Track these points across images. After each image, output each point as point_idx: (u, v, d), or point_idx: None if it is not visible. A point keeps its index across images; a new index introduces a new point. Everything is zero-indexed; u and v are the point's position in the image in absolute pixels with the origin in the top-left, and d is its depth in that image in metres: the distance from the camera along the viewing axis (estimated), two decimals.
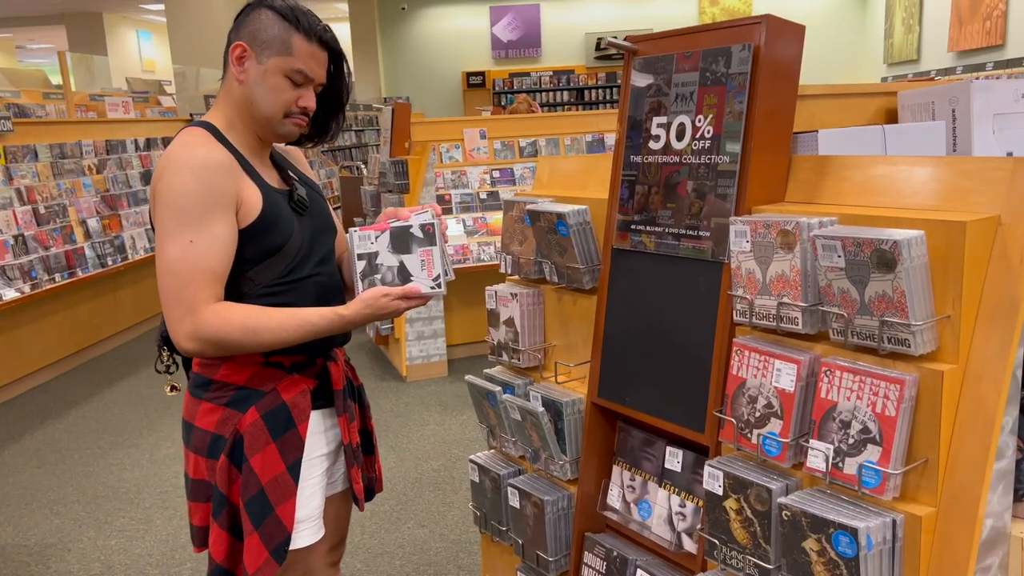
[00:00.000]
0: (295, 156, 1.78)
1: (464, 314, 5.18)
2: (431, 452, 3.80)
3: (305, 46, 1.50)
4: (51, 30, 17.63)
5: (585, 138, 5.62)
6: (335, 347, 1.67)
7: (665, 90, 1.53)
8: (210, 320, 1.43)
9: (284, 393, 1.56)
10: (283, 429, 1.55)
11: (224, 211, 1.45)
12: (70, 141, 5.61)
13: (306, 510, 1.59)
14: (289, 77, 1.50)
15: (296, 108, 1.52)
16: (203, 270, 1.43)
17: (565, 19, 17.30)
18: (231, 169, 1.48)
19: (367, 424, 1.78)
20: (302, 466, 1.57)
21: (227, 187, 1.46)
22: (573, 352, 1.81)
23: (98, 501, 3.44)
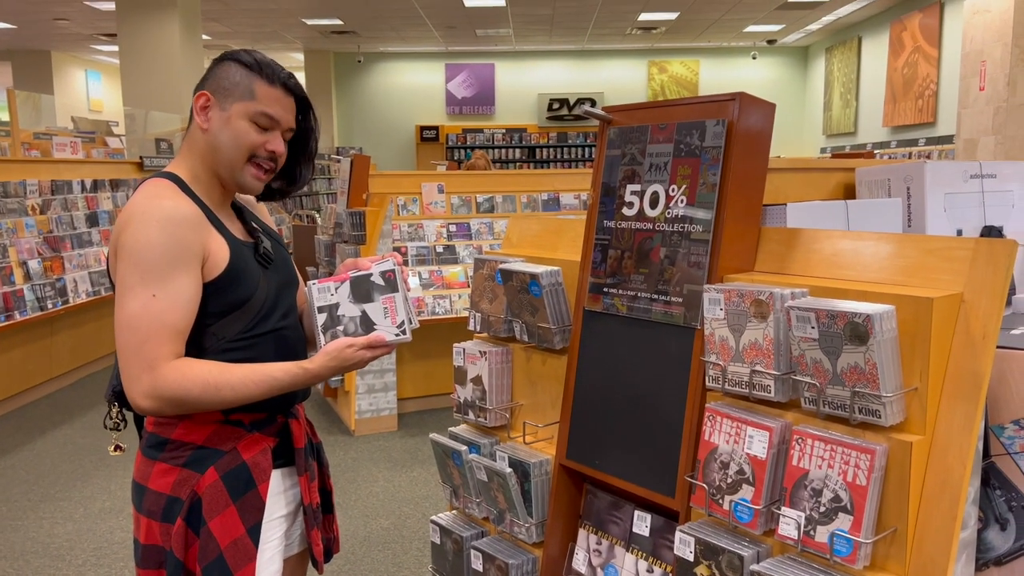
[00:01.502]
0: (258, 208, 1.76)
1: (416, 367, 5.14)
2: (380, 509, 3.72)
3: (268, 90, 1.51)
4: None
5: (541, 196, 5.70)
6: (296, 403, 1.65)
7: (639, 159, 1.58)
8: (169, 377, 1.39)
9: (244, 452, 1.52)
10: (243, 490, 1.51)
11: (189, 265, 1.43)
12: (14, 180, 5.46)
13: (266, 574, 1.54)
14: (254, 121, 1.50)
15: (263, 152, 1.51)
16: (165, 326, 1.40)
17: (518, 79, 17.70)
18: (197, 222, 1.46)
19: (326, 483, 1.75)
20: (262, 528, 1.53)
21: (193, 240, 1.44)
22: (541, 412, 1.81)
23: (26, 557, 3.26)
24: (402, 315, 1.53)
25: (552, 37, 15.89)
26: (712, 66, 17.43)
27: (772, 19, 14.07)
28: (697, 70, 17.51)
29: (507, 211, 5.61)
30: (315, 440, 1.73)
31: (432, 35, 15.53)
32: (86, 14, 12.90)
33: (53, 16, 13.15)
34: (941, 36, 11.13)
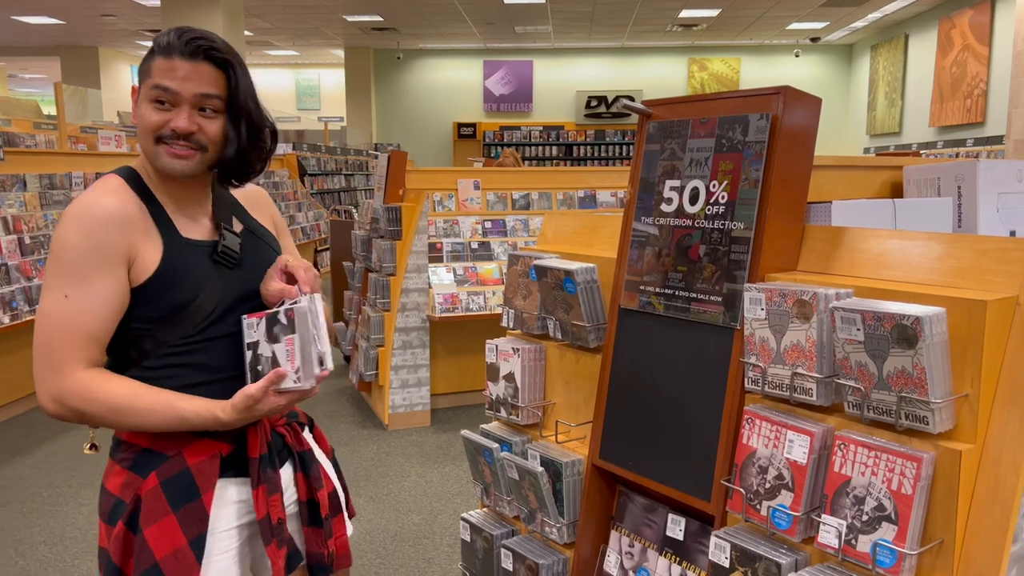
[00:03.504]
0: (259, 202, 1.64)
1: (449, 363, 5.14)
2: (412, 505, 3.72)
3: (164, 63, 1.35)
4: (45, 61, 17.69)
5: (577, 193, 5.66)
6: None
7: (679, 154, 1.54)
8: (74, 388, 1.32)
9: (189, 457, 1.41)
10: (185, 498, 1.40)
11: (109, 268, 1.34)
12: (60, 172, 5.57)
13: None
14: (154, 100, 1.35)
15: (167, 131, 1.35)
16: (75, 330, 1.33)
17: (557, 76, 17.64)
18: (125, 222, 1.36)
19: (314, 493, 1.56)
20: (207, 541, 1.41)
21: (115, 242, 1.34)
22: (574, 411, 1.79)
23: (65, 543, 3.32)
24: (298, 360, 1.34)
25: (591, 34, 15.80)
26: (753, 64, 17.21)
27: (816, 16, 13.83)
28: (738, 68, 17.29)
29: (543, 208, 5.58)
30: (299, 447, 1.56)
31: (471, 32, 15.55)
32: (132, 10, 13.14)
33: (100, 12, 13.42)
34: (992, 34, 10.85)
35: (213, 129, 1.39)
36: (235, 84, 1.39)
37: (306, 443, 1.59)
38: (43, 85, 21.74)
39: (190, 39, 1.36)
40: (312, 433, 1.70)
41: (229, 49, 1.41)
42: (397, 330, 4.80)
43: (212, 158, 1.42)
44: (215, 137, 1.40)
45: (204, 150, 1.39)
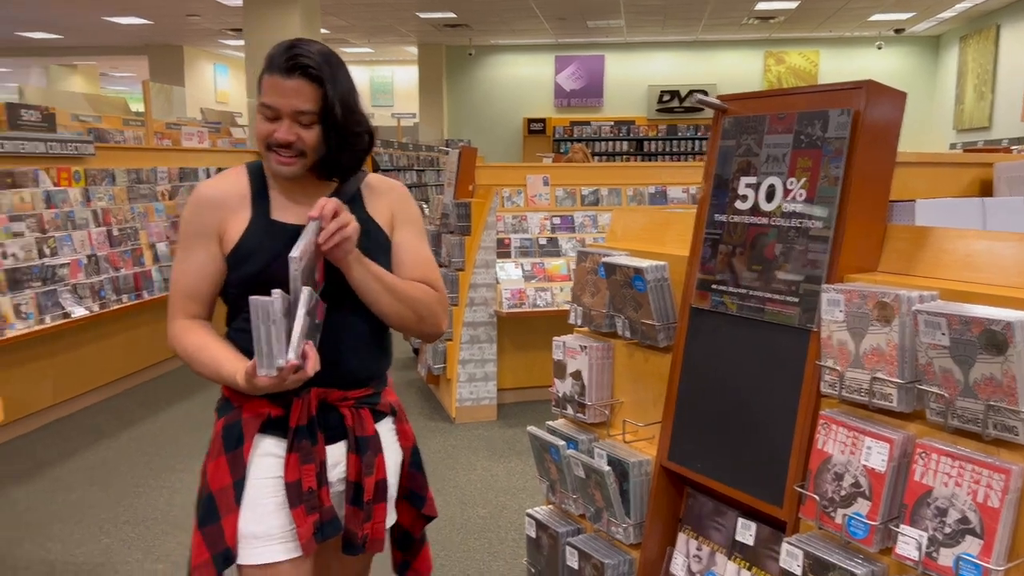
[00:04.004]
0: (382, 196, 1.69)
1: (516, 359, 5.15)
2: (477, 498, 3.75)
3: (268, 81, 1.53)
4: (134, 60, 18.43)
5: (648, 189, 5.60)
6: (312, 385, 1.56)
7: (755, 150, 1.50)
8: (172, 334, 1.62)
9: (245, 412, 1.60)
10: (233, 445, 1.60)
11: (203, 241, 1.60)
12: (146, 167, 5.80)
13: (263, 527, 1.56)
14: (261, 113, 1.55)
15: (273, 141, 1.53)
16: (179, 288, 1.63)
17: (629, 71, 17.47)
18: (218, 204, 1.60)
19: (360, 477, 1.63)
20: (246, 485, 1.58)
21: (207, 221, 1.60)
22: (642, 411, 1.77)
23: (147, 524, 3.46)
24: (263, 348, 1.39)
25: (665, 28, 15.59)
26: (833, 57, 16.70)
27: (901, 7, 13.33)
28: (817, 61, 16.81)
29: (612, 204, 5.54)
30: (360, 432, 1.63)
31: (543, 27, 15.52)
32: (216, 10, 13.56)
33: (186, 12, 13.89)
34: None
35: (310, 137, 1.54)
36: (328, 97, 1.53)
37: (370, 429, 1.65)
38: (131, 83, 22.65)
39: (288, 56, 1.51)
40: (395, 423, 1.74)
41: (324, 62, 1.53)
42: (465, 325, 4.83)
43: (312, 161, 1.58)
44: (312, 144, 1.55)
45: (303, 156, 1.55)
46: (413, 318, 1.62)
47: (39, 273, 4.46)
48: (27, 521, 3.47)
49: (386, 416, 1.72)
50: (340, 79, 1.55)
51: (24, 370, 4.51)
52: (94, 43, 17.22)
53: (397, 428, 1.74)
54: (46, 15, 14.17)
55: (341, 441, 1.63)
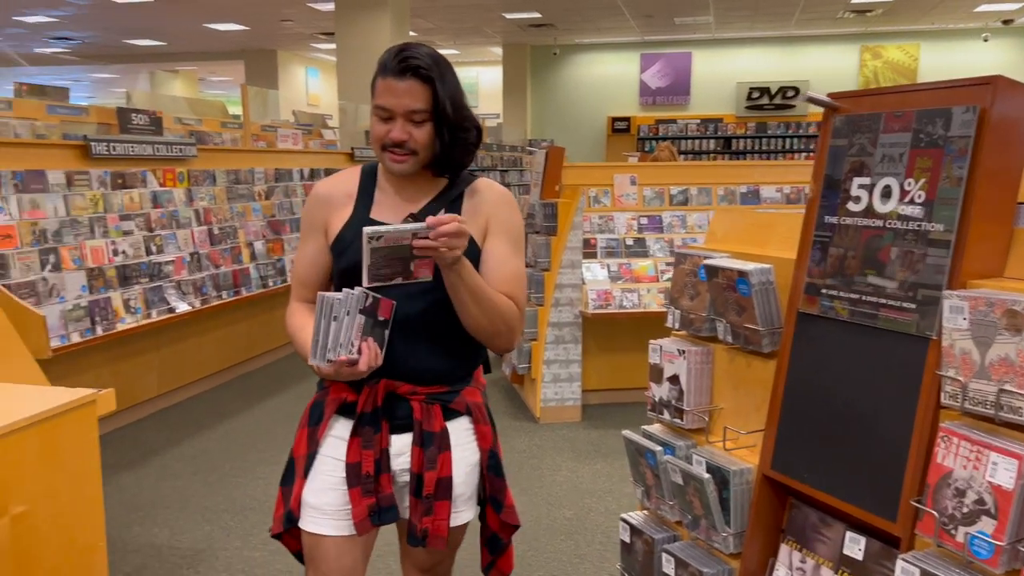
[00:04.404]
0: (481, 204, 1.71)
1: (601, 360, 5.11)
2: (563, 499, 3.74)
3: (381, 83, 1.61)
4: (231, 64, 19.16)
5: (739, 189, 5.47)
6: (383, 376, 1.65)
7: (869, 150, 1.45)
8: (286, 314, 1.80)
9: (331, 393, 1.73)
10: (315, 421, 1.74)
11: (313, 233, 1.76)
12: (244, 168, 6.01)
13: (318, 500, 1.68)
14: (376, 115, 1.62)
15: (388, 140, 1.61)
16: (296, 273, 1.81)
17: (716, 68, 17.14)
18: (326, 200, 1.74)
19: (422, 470, 1.67)
20: (317, 460, 1.71)
21: (316, 215, 1.75)
22: (743, 418, 1.72)
23: (245, 512, 3.58)
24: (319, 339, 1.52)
25: (755, 23, 15.22)
26: (934, 50, 15.97)
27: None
28: (916, 55, 16.11)
29: (702, 204, 5.44)
30: (428, 426, 1.68)
31: (629, 25, 15.39)
32: (308, 15, 13.98)
33: (280, 18, 14.36)
34: None
35: (421, 135, 1.61)
36: (438, 96, 1.60)
37: (437, 425, 1.69)
38: (228, 87, 23.57)
39: (400, 59, 1.58)
40: (472, 424, 1.74)
41: (434, 63, 1.60)
42: (550, 325, 4.83)
43: (425, 159, 1.65)
44: (424, 142, 1.62)
45: (416, 154, 1.63)
46: (490, 331, 1.64)
47: (147, 270, 4.68)
48: (135, 506, 3.64)
49: (461, 415, 1.73)
50: (448, 78, 1.62)
51: (132, 362, 4.75)
52: (194, 49, 18.01)
53: (475, 429, 1.75)
54: (152, 23, 14.89)
55: (408, 433, 1.68)
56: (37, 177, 4.19)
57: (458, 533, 1.79)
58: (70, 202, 4.32)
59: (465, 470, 1.73)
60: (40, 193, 4.17)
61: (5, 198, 3.97)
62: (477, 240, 1.67)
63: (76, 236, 4.28)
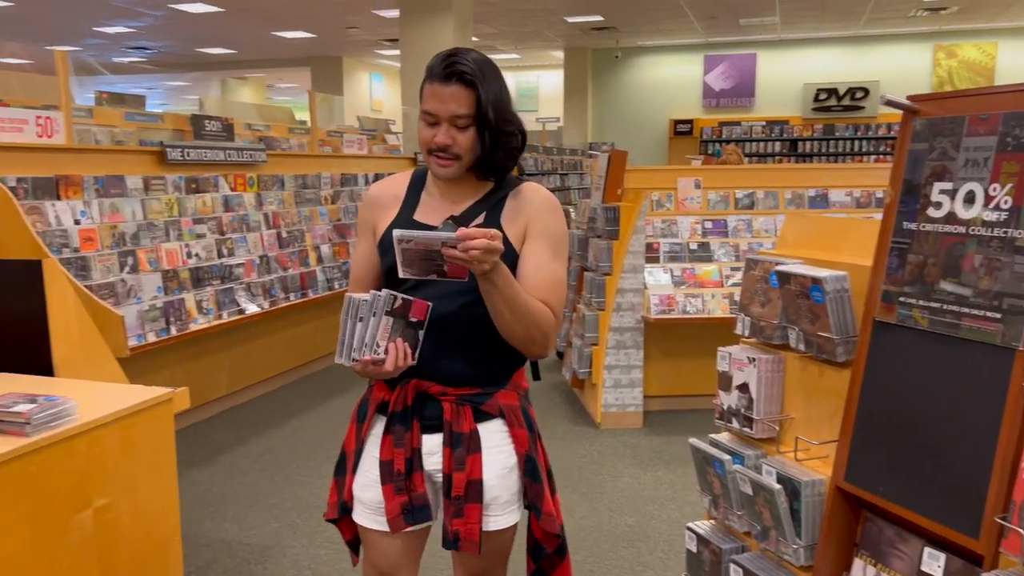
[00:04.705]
0: (522, 208, 1.71)
1: (663, 365, 5.06)
2: (625, 506, 3.71)
3: (428, 88, 1.63)
4: (297, 71, 19.62)
5: (807, 192, 5.35)
6: (415, 376, 1.68)
7: (952, 154, 1.40)
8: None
9: (374, 392, 1.78)
10: (360, 419, 1.80)
11: (365, 233, 1.82)
12: (311, 173, 6.15)
13: (363, 495, 1.75)
14: (423, 120, 1.65)
15: (434, 145, 1.64)
16: (352, 271, 1.87)
17: (783, 69, 16.81)
18: (376, 202, 1.81)
19: (451, 471, 1.69)
20: (362, 455, 1.77)
21: (367, 217, 1.82)
22: (815, 428, 1.68)
23: (310, 510, 3.66)
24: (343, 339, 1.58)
25: (822, 23, 14.88)
26: (1013, 49, 15.36)
27: None
28: (994, 54, 15.52)
29: (768, 207, 5.34)
30: (458, 428, 1.68)
31: (692, 27, 15.22)
32: (373, 22, 14.21)
33: (346, 25, 14.64)
34: None
35: (464, 140, 1.63)
36: (481, 101, 1.61)
37: (466, 426, 1.69)
38: (295, 93, 24.12)
39: (446, 65, 1.61)
40: (507, 427, 1.72)
41: (479, 68, 1.62)
42: (611, 330, 4.80)
43: (468, 163, 1.67)
44: (467, 146, 1.64)
45: (459, 158, 1.65)
46: (524, 337, 1.64)
47: (218, 272, 4.82)
48: (206, 501, 3.75)
49: (493, 418, 1.72)
50: (492, 83, 1.63)
51: (203, 361, 4.90)
52: (263, 56, 18.49)
53: (510, 432, 1.73)
54: (223, 32, 15.35)
55: (439, 433, 1.70)
56: (116, 182, 4.36)
57: (498, 539, 1.75)
58: (147, 206, 4.48)
59: (499, 473, 1.71)
60: (119, 197, 4.34)
61: (88, 203, 4.15)
62: (515, 244, 1.68)
63: (152, 239, 4.44)
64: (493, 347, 1.68)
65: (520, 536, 1.82)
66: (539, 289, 1.65)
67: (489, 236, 1.46)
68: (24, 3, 12.60)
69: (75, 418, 1.93)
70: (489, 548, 1.73)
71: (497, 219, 1.69)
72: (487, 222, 1.68)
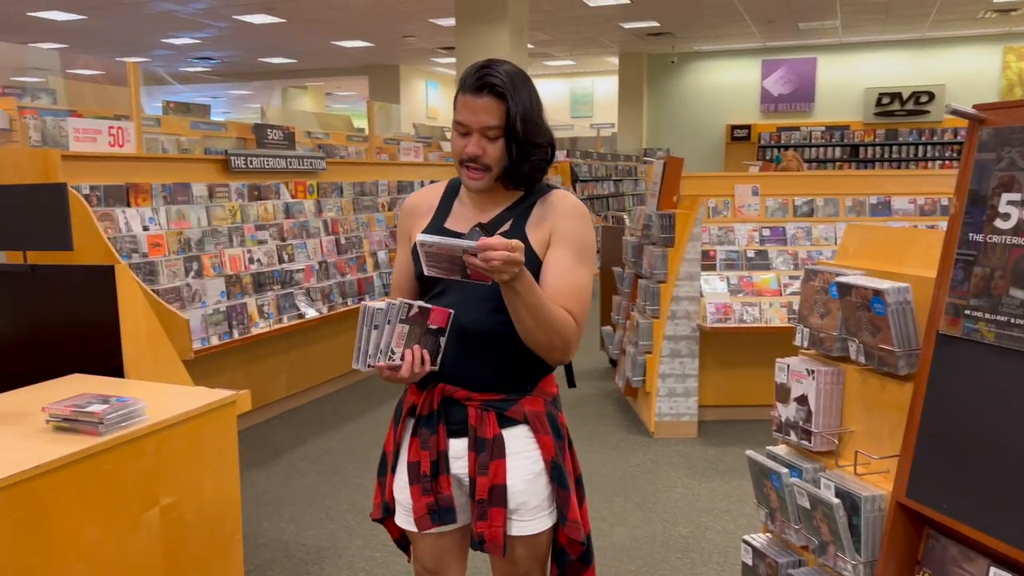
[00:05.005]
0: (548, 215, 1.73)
1: (719, 375, 5.00)
2: (679, 517, 3.68)
3: (460, 99, 1.66)
4: (355, 79, 19.97)
5: (869, 200, 5.24)
6: (441, 380, 1.73)
7: (1020, 164, 1.37)
8: None
9: (407, 395, 1.83)
10: (397, 422, 1.85)
11: (403, 242, 1.87)
12: (368, 180, 6.25)
13: (399, 496, 1.81)
14: (456, 130, 1.69)
15: (464, 155, 1.67)
16: (393, 279, 1.92)
17: (843, 73, 16.47)
18: (413, 211, 1.86)
19: (475, 475, 1.71)
20: (399, 458, 1.82)
21: (404, 225, 1.88)
22: (876, 442, 1.65)
23: (365, 513, 3.71)
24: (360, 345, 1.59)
25: (886, 26, 14.54)
26: None
27: None
28: None
29: (828, 215, 5.24)
30: (482, 433, 1.71)
31: (750, 31, 15.02)
32: (430, 30, 14.39)
33: (403, 34, 14.86)
34: None
35: (494, 151, 1.66)
36: (510, 112, 1.64)
37: (489, 431, 1.71)
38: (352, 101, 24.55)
39: (478, 77, 1.64)
40: (532, 434, 1.73)
41: (510, 80, 1.65)
42: (666, 338, 4.77)
43: (497, 173, 1.70)
44: (496, 157, 1.67)
45: (489, 169, 1.68)
46: (545, 344, 1.65)
47: (279, 277, 4.94)
48: (265, 502, 3.85)
49: (518, 424, 1.73)
50: (522, 95, 1.66)
51: (263, 364, 5.02)
52: (322, 65, 18.87)
53: (535, 439, 1.74)
54: (284, 42, 15.71)
55: (465, 437, 1.73)
56: (183, 190, 4.50)
57: (532, 543, 1.75)
58: (211, 213, 4.62)
59: (525, 478, 1.72)
60: (185, 204, 4.48)
61: (156, 209, 4.29)
62: (539, 250, 1.69)
63: (216, 245, 4.57)
64: (518, 354, 1.69)
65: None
66: (561, 295, 1.66)
67: (510, 247, 1.47)
68: (97, 17, 13.11)
69: (145, 419, 2.01)
70: (524, 553, 1.75)
71: (523, 226, 1.72)
72: (513, 228, 1.71)
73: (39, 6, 12.32)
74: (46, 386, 2.37)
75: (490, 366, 1.71)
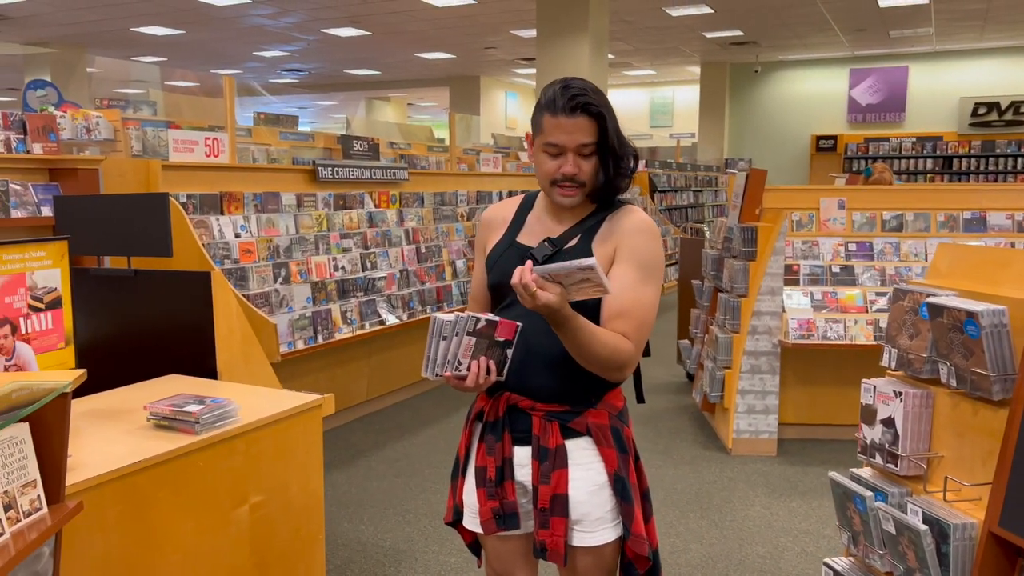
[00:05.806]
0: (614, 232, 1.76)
1: (800, 392, 4.88)
2: (756, 536, 3.61)
3: (552, 121, 1.69)
4: (436, 91, 20.31)
5: (963, 215, 5.04)
6: (507, 390, 1.78)
7: None
8: None
9: (477, 402, 1.89)
10: (468, 425, 1.92)
11: (480, 253, 1.93)
12: (448, 190, 6.36)
13: (467, 499, 1.87)
14: (546, 151, 1.71)
15: (559, 176, 1.70)
16: (471, 289, 1.98)
17: (937, 82, 15.86)
18: (489, 224, 1.92)
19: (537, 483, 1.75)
20: (469, 462, 1.88)
21: (481, 237, 1.93)
22: (967, 468, 1.60)
23: (440, 518, 3.76)
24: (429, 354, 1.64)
25: (983, 33, 13.95)
26: None
27: None
28: None
29: (917, 230, 5.06)
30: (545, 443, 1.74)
31: (838, 40, 14.64)
32: (511, 41, 14.53)
33: (485, 46, 15.05)
34: None
35: (588, 168, 1.72)
36: (607, 130, 1.69)
37: (552, 441, 1.74)
38: (433, 112, 24.97)
39: (570, 97, 1.67)
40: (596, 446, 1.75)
41: (600, 99, 1.69)
42: (746, 353, 4.69)
43: (590, 189, 1.74)
44: (591, 173, 1.72)
45: (584, 186, 1.73)
46: (598, 369, 1.69)
47: (362, 284, 5.07)
48: (345, 503, 3.95)
49: (582, 435, 1.75)
50: (611, 111, 1.72)
51: (345, 369, 5.16)
52: (405, 77, 19.28)
53: (598, 451, 1.76)
54: (369, 55, 16.13)
55: (529, 445, 1.77)
56: (272, 198, 4.68)
57: (597, 555, 1.77)
58: (299, 221, 4.78)
59: (588, 490, 1.74)
60: (274, 213, 4.66)
61: (247, 217, 4.47)
62: (604, 265, 1.71)
63: (303, 252, 4.73)
64: (582, 368, 1.71)
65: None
66: (620, 315, 1.68)
67: (523, 282, 1.52)
68: (194, 31, 13.73)
69: (237, 420, 2.10)
70: (589, 563, 1.77)
71: (590, 241, 1.76)
72: (580, 244, 1.76)
73: (141, 21, 12.99)
74: (146, 385, 2.50)
75: (554, 379, 1.74)
